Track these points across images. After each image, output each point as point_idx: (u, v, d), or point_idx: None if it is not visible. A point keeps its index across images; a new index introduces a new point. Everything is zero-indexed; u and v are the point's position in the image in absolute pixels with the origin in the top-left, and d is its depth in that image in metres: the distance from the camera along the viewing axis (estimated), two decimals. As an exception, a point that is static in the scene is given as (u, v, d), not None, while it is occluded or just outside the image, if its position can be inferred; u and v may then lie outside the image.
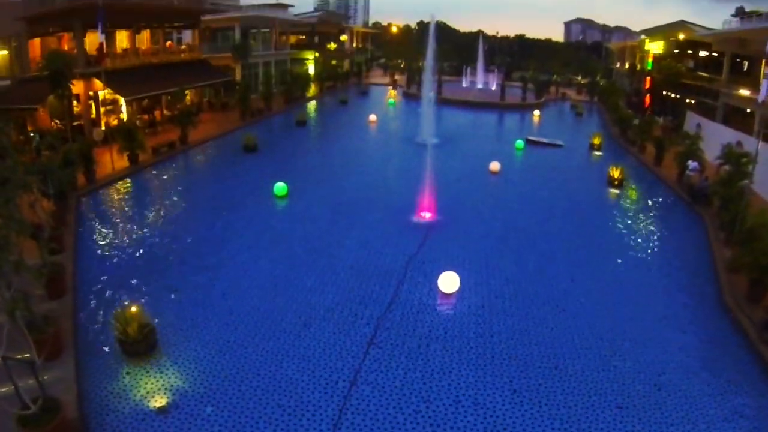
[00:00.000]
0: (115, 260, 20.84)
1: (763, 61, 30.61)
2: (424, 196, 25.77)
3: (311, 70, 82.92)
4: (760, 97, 26.51)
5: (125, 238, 23.35)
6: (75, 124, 39.61)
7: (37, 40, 46.74)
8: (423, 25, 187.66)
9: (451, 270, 18.40)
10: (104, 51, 37.14)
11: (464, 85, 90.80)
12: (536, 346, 15.55)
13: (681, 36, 66.73)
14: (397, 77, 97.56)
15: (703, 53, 65.95)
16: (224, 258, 20.95)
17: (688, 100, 59.34)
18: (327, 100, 72.36)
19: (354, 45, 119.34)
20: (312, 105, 67.15)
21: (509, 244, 23.40)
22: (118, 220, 25.93)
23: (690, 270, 22.09)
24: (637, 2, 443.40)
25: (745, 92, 46.71)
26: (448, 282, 18.06)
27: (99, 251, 21.85)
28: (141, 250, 21.71)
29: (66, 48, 43.43)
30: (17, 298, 11.37)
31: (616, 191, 33.68)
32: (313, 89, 73.91)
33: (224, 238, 23.05)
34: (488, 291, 18.72)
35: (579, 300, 18.52)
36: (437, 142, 40.85)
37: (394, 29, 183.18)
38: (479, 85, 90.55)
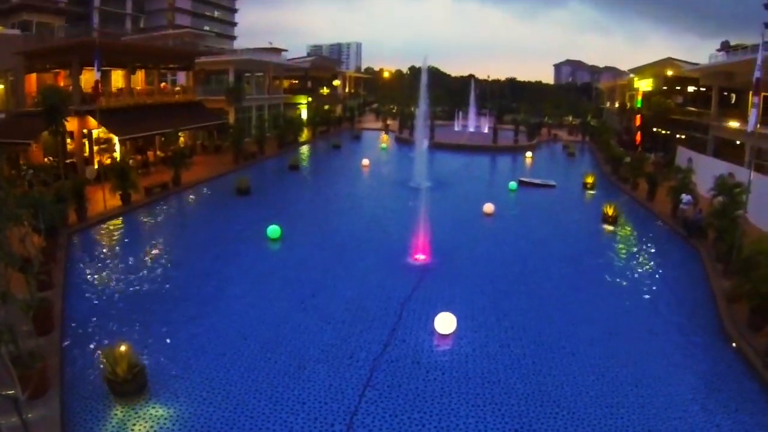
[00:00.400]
0: (104, 299, 20.53)
1: (750, 93, 30.81)
2: (419, 239, 25.53)
3: (304, 115, 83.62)
4: (749, 127, 26.70)
5: (116, 277, 23.05)
6: (68, 161, 39.59)
7: (33, 76, 47.34)
8: (414, 70, 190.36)
9: (447, 311, 18.07)
10: (100, 89, 37.23)
11: (456, 129, 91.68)
12: (537, 385, 15.14)
13: (669, 72, 68.00)
14: (389, 122, 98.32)
15: (691, 88, 67.03)
16: (217, 299, 20.62)
17: (678, 136, 60.07)
18: (320, 145, 72.86)
19: (346, 90, 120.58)
20: (305, 149, 67.50)
21: (506, 285, 23.00)
22: (109, 259, 25.66)
23: (689, 302, 21.88)
24: (624, 42, 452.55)
25: (734, 124, 47.39)
26: (445, 323, 17.71)
27: (88, 289, 21.57)
28: (132, 290, 21.40)
29: (62, 85, 43.70)
30: (2, 331, 11.11)
31: (611, 228, 33.51)
32: (306, 134, 74.29)
33: (217, 280, 22.71)
34: (486, 332, 18.33)
35: (578, 338, 18.13)
36: (431, 186, 40.83)
37: (386, 74, 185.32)
38: (471, 129, 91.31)
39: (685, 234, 31.21)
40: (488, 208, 35.07)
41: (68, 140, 41.64)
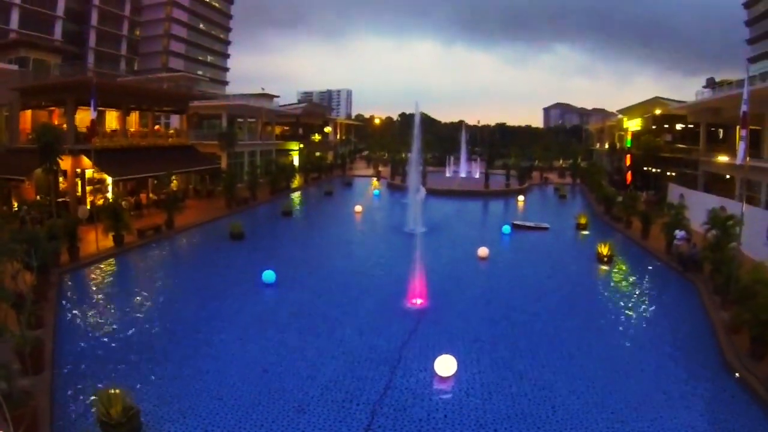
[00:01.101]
0: (96, 340, 20.16)
1: (738, 127, 31.29)
2: (415, 283, 25.26)
3: (296, 161, 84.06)
4: (738, 160, 27.05)
5: (108, 318, 22.71)
6: (60, 200, 39.49)
7: (28, 112, 47.86)
8: (405, 117, 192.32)
9: (446, 354, 17.77)
10: (96, 129, 37.29)
11: (447, 174, 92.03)
12: (539, 428, 14.84)
13: (657, 111, 69.15)
14: (380, 169, 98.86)
15: (679, 126, 68.22)
16: (212, 343, 20.21)
17: (668, 173, 60.66)
18: (312, 191, 73.08)
19: (338, 137, 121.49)
20: (297, 196, 67.56)
21: (503, 327, 22.66)
22: (101, 300, 25.37)
23: (689, 335, 21.81)
24: (611, 84, 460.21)
25: (723, 158, 47.89)
26: (445, 365, 17.42)
27: (80, 329, 21.27)
28: (124, 332, 21.01)
29: (56, 123, 44.19)
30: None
31: (606, 267, 33.44)
32: (297, 180, 74.65)
33: (212, 324, 22.31)
34: (485, 374, 17.95)
35: (578, 378, 17.82)
36: (425, 231, 40.78)
37: (376, 121, 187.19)
38: (462, 175, 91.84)
39: (681, 269, 31.27)
40: (483, 251, 34.88)
41: (60, 179, 41.68)
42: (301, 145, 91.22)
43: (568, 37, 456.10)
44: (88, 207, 40.20)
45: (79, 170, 43.66)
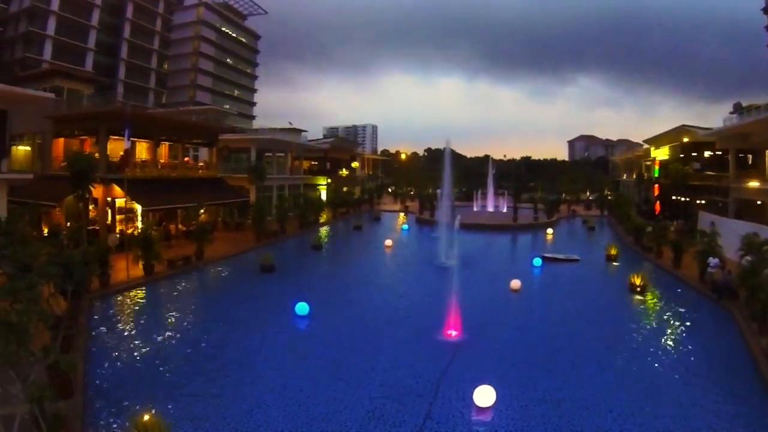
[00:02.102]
0: (127, 366, 20.39)
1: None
2: (449, 316, 25.03)
3: (323, 196, 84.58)
4: (771, 183, 26.83)
5: (139, 345, 22.91)
6: (89, 227, 40.08)
7: (61, 140, 49.00)
8: (431, 152, 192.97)
9: (484, 384, 17.55)
10: (129, 158, 37.76)
11: (475, 209, 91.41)
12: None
13: (685, 139, 68.57)
14: (408, 204, 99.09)
15: (707, 153, 67.62)
16: (245, 375, 20.10)
17: (698, 201, 60.07)
18: (341, 226, 73.32)
19: (365, 172, 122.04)
20: (326, 230, 67.60)
21: (540, 359, 22.27)
22: (131, 327, 25.69)
23: (729, 363, 21.53)
24: (635, 114, 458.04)
25: (754, 184, 47.29)
26: (484, 396, 17.30)
27: (110, 355, 21.47)
28: (156, 361, 21.12)
29: (87, 152, 44.52)
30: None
31: (640, 297, 33.04)
32: (326, 214, 74.96)
33: (245, 355, 22.26)
34: (524, 405, 17.69)
35: (619, 406, 17.50)
36: (456, 264, 40.70)
37: (403, 156, 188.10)
38: (490, 209, 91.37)
39: (715, 297, 30.81)
40: (515, 284, 34.63)
41: (90, 206, 42.32)
42: (329, 180, 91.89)
43: (590, 69, 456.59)
44: (117, 235, 40.73)
45: (109, 199, 44.46)
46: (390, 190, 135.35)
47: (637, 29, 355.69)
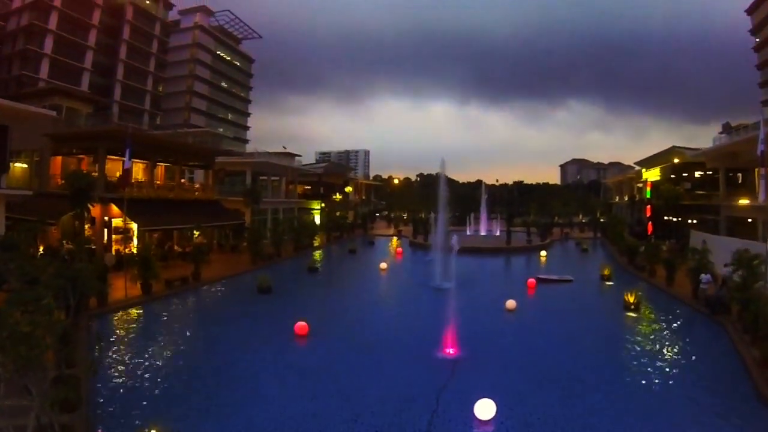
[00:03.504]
0: (127, 384, 20.39)
1: (756, 168, 31.80)
2: (446, 335, 25.13)
3: (317, 219, 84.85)
4: (760, 199, 27.36)
5: (138, 362, 22.93)
6: (85, 246, 39.89)
7: (59, 158, 49.09)
8: (423, 177, 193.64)
9: (484, 398, 17.70)
10: (128, 178, 37.85)
11: (468, 233, 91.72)
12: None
13: (675, 160, 69.61)
14: (401, 228, 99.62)
15: (698, 173, 68.85)
16: (245, 393, 20.00)
17: (689, 221, 61.03)
18: (335, 249, 73.40)
19: (357, 196, 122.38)
20: (321, 253, 67.79)
21: (537, 375, 22.33)
22: (130, 345, 25.77)
23: (723, 373, 22.00)
24: (625, 137, 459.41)
25: (744, 201, 48.05)
26: (485, 409, 17.44)
27: (110, 371, 21.50)
28: (157, 379, 21.08)
29: (84, 171, 44.48)
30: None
31: (634, 315, 33.33)
32: (320, 238, 75.23)
33: (244, 375, 22.12)
34: (523, 419, 17.80)
35: (615, 419, 17.77)
36: (452, 286, 40.83)
37: (395, 181, 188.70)
38: (483, 233, 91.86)
39: (709, 312, 31.28)
40: (510, 304, 34.83)
41: (86, 225, 42.32)
42: (323, 204, 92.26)
43: (580, 93, 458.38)
44: (114, 255, 40.72)
45: (106, 218, 44.66)
46: (383, 213, 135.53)
47: (626, 53, 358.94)
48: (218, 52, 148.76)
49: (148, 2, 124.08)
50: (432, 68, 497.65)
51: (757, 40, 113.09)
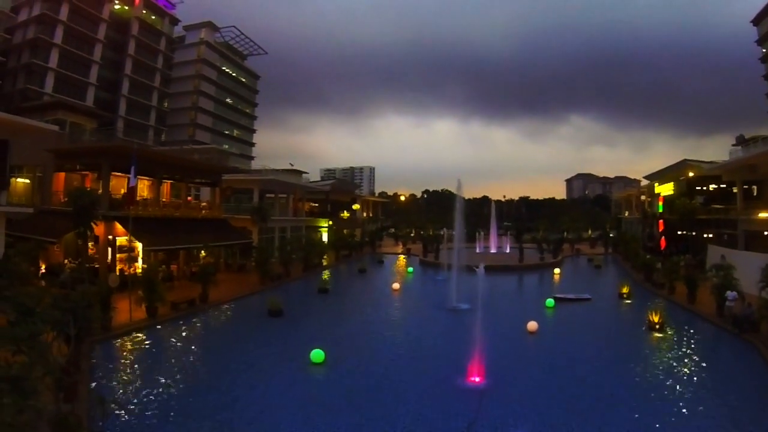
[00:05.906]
0: (131, 416, 19.14)
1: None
2: (470, 361, 24.04)
3: (325, 238, 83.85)
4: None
5: (146, 392, 21.66)
6: (89, 265, 39.06)
7: (62, 174, 48.13)
8: (429, 194, 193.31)
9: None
10: (134, 196, 36.94)
11: (478, 250, 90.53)
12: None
13: (690, 173, 68.83)
14: (410, 246, 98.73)
15: (713, 186, 67.99)
16: (258, 427, 18.85)
17: (705, 235, 59.88)
18: (344, 269, 72.35)
19: (365, 214, 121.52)
20: (330, 273, 66.36)
21: (570, 403, 21.05)
22: (137, 373, 24.57)
23: (760, 392, 21.53)
24: (628, 151, 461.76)
25: (764, 215, 47.19)
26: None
27: (116, 404, 19.88)
28: (166, 409, 19.94)
29: (88, 187, 43.77)
30: None
31: (660, 335, 32.34)
32: (328, 257, 74.12)
33: (257, 405, 20.91)
34: None
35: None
36: (468, 308, 39.62)
37: (401, 198, 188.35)
38: (493, 250, 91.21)
39: (736, 331, 30.44)
40: (532, 326, 33.75)
41: (90, 244, 41.38)
42: (330, 222, 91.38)
43: (583, 107, 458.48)
44: (117, 275, 39.52)
45: (110, 237, 43.56)
46: (391, 231, 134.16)
47: (627, 66, 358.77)
48: (224, 68, 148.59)
49: (153, 17, 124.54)
50: (435, 86, 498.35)
51: (764, 50, 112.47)
